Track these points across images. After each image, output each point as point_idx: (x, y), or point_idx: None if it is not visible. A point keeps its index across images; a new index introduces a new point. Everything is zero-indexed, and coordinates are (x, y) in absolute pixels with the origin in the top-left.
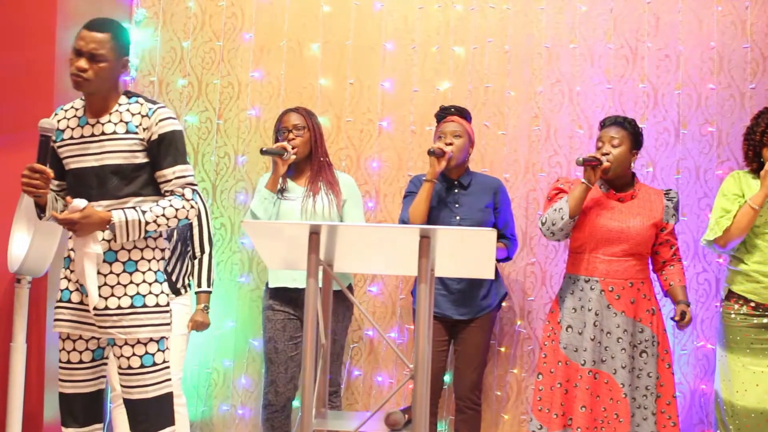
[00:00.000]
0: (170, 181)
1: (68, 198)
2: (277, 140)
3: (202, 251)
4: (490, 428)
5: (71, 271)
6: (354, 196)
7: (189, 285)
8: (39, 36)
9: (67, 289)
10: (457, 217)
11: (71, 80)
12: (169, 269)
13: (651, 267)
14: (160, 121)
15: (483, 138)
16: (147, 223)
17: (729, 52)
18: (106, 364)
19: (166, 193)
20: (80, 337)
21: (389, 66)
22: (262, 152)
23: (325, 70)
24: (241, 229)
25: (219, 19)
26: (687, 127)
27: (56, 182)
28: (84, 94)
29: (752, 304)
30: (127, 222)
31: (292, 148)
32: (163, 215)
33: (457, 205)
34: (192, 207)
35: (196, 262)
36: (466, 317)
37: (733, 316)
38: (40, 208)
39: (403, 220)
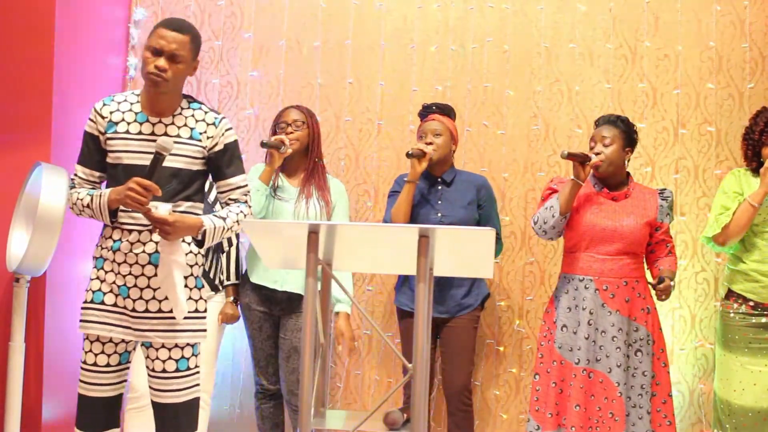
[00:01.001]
0: (235, 189)
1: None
2: (275, 134)
3: (230, 244)
4: (488, 427)
5: (105, 272)
6: (342, 203)
7: (222, 282)
8: (38, 36)
9: (99, 290)
10: (439, 214)
11: (147, 78)
12: (207, 267)
13: (645, 265)
14: (226, 131)
15: (482, 137)
16: (224, 229)
17: (728, 52)
18: (128, 368)
19: (230, 201)
20: (110, 340)
21: (388, 65)
22: (263, 144)
23: (324, 69)
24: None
25: (218, 18)
26: (686, 126)
27: (97, 174)
28: (150, 92)
29: (751, 304)
30: (215, 228)
31: (290, 142)
32: (236, 222)
33: (439, 202)
34: (251, 214)
35: (224, 256)
36: (446, 315)
37: (731, 315)
38: (113, 213)
39: (386, 221)
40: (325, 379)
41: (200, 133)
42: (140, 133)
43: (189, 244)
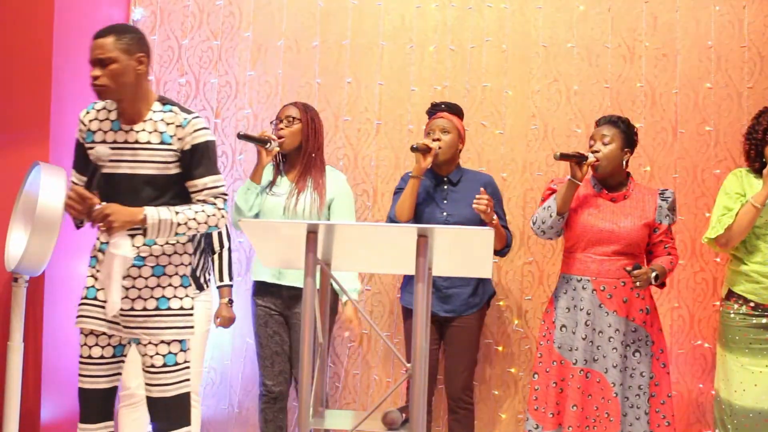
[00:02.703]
0: (201, 191)
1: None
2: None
3: (222, 246)
4: (487, 427)
5: (98, 270)
6: (342, 195)
7: (208, 281)
8: (36, 35)
9: (93, 287)
10: (444, 213)
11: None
12: (193, 265)
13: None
14: (195, 131)
15: (480, 137)
16: (178, 224)
17: (726, 52)
18: (123, 361)
19: (197, 203)
20: (104, 333)
21: (387, 65)
22: (239, 136)
23: (323, 69)
24: (239, 227)
25: (217, 18)
26: (684, 126)
27: (82, 177)
28: (117, 102)
29: (752, 304)
30: (159, 220)
31: (279, 138)
32: (194, 219)
33: (445, 201)
34: (223, 216)
35: (216, 257)
36: (452, 315)
37: (732, 315)
38: (77, 219)
39: (390, 217)
40: (324, 378)
41: (170, 137)
42: (115, 141)
43: (175, 245)
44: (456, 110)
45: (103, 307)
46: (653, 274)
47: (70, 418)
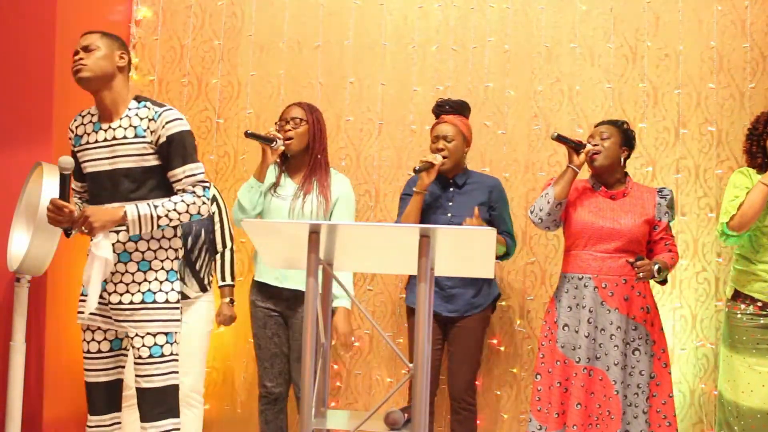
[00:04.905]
0: (181, 180)
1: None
2: (278, 131)
3: (224, 246)
4: (489, 427)
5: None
6: (345, 197)
7: (210, 282)
8: (39, 36)
9: None
10: (449, 215)
11: (73, 76)
12: (198, 267)
13: None
14: (167, 123)
15: (482, 137)
16: (159, 217)
17: (729, 52)
18: (125, 355)
19: (179, 192)
20: (99, 328)
21: (389, 65)
22: (247, 135)
23: (325, 69)
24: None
25: (219, 18)
26: (687, 126)
27: (79, 184)
28: (95, 99)
29: (759, 304)
30: (139, 216)
31: (286, 140)
32: (175, 210)
33: (450, 204)
34: (204, 203)
35: (218, 257)
36: (456, 314)
37: (739, 316)
38: (66, 229)
39: None
40: (326, 379)
41: (144, 130)
42: (96, 141)
43: (158, 240)
44: (461, 110)
45: (98, 303)
46: (656, 267)
47: (72, 417)
